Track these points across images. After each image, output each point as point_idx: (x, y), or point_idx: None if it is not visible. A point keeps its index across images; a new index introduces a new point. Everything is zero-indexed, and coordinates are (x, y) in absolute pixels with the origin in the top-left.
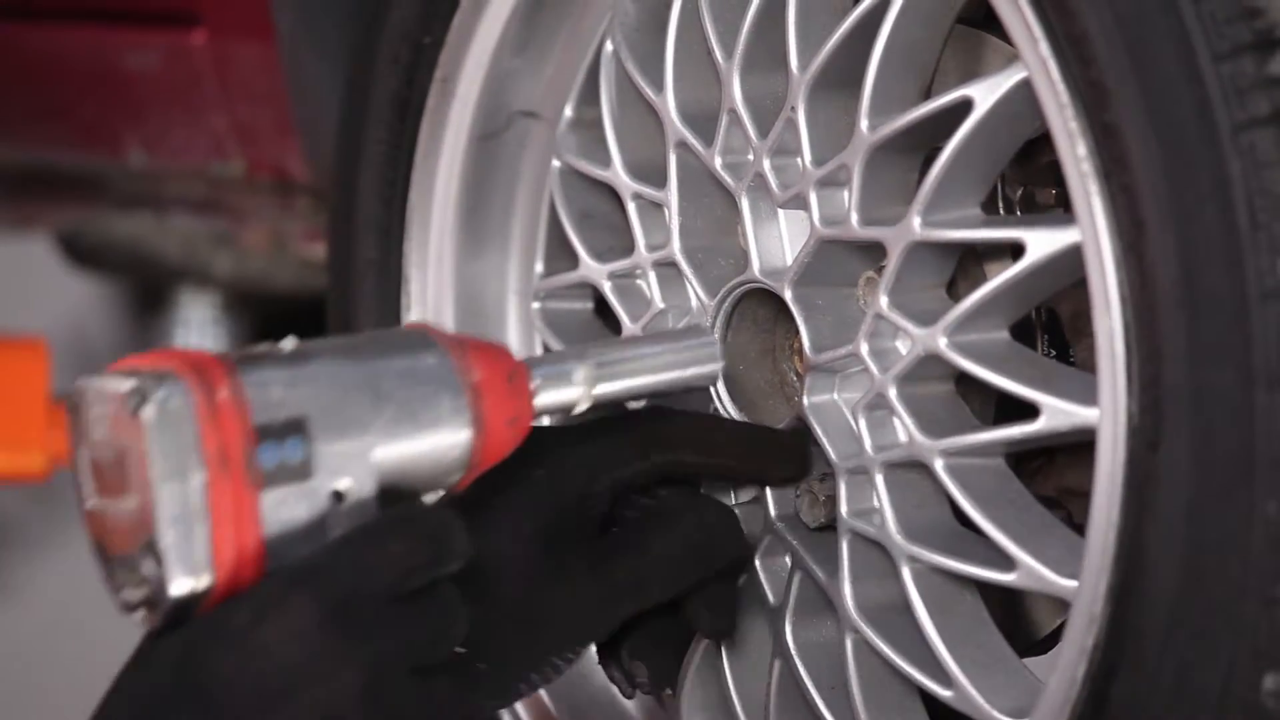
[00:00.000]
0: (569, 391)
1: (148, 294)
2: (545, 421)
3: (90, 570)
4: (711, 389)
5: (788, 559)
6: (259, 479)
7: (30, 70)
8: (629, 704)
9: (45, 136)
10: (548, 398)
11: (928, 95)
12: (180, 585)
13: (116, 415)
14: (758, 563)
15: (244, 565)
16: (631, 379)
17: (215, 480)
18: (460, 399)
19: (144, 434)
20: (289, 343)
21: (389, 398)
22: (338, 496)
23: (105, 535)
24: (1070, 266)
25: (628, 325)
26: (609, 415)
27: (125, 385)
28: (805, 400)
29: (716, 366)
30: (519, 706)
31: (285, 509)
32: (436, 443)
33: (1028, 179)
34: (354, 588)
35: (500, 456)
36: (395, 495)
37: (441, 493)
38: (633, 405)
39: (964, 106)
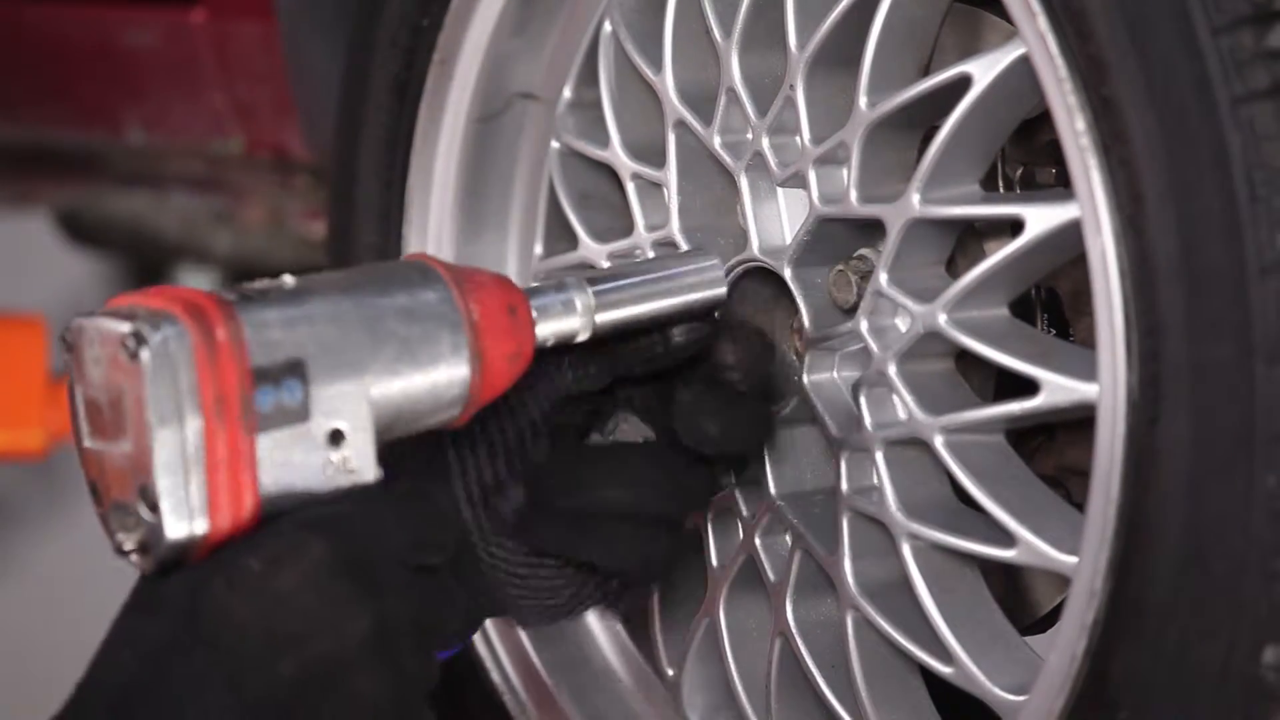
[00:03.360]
0: (570, 321)
1: (146, 271)
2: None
3: (89, 547)
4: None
5: (788, 537)
6: (255, 422)
7: (30, 48)
8: (629, 681)
9: (45, 114)
10: (549, 328)
11: (926, 72)
12: (176, 531)
13: (114, 357)
14: (758, 541)
15: (240, 510)
16: (633, 306)
17: (212, 426)
18: (460, 336)
19: (141, 378)
20: (289, 279)
21: (389, 336)
22: (335, 437)
23: (101, 476)
24: (1069, 242)
25: None
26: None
27: (123, 327)
28: (805, 378)
29: (720, 290)
30: (521, 687)
31: (282, 451)
32: (435, 381)
33: (1027, 158)
34: (368, 543)
35: (501, 391)
36: (393, 431)
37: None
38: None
39: (963, 83)
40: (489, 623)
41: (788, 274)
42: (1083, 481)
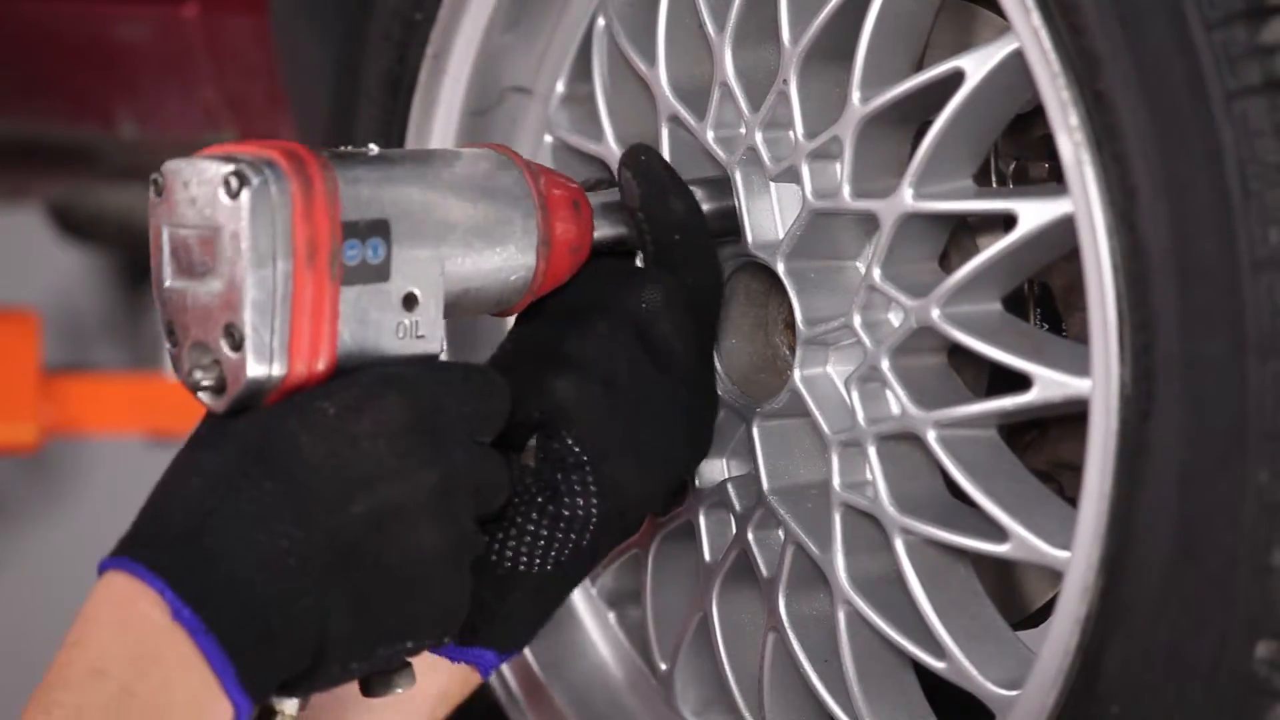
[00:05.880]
0: (623, 227)
1: (138, 265)
2: None
3: (82, 541)
4: None
5: (780, 532)
6: (341, 275)
7: (23, 42)
8: (621, 676)
9: (37, 108)
10: (604, 230)
11: (919, 67)
12: (256, 370)
13: (213, 196)
14: (750, 535)
15: (317, 358)
16: None
17: (301, 271)
18: (531, 220)
19: (240, 217)
20: (374, 147)
21: (467, 211)
22: (408, 302)
23: (179, 316)
24: (1062, 237)
25: None
26: None
27: (226, 168)
28: (797, 373)
29: (730, 202)
30: (514, 681)
31: (361, 306)
32: (505, 261)
33: (1020, 153)
34: (437, 405)
35: (557, 283)
36: (458, 308)
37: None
38: None
39: (956, 78)
40: None
41: (781, 268)
42: (1075, 476)
